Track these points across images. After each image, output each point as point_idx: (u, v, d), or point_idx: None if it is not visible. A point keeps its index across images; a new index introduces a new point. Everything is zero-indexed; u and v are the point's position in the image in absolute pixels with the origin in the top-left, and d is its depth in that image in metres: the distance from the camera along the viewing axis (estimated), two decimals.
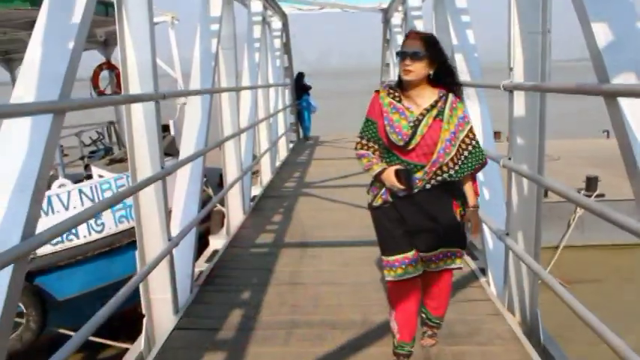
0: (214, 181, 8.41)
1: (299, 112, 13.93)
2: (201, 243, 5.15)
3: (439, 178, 2.55)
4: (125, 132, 3.37)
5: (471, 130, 2.58)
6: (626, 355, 1.96)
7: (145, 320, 3.41)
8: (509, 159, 3.26)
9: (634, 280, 8.62)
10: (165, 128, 7.84)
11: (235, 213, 5.96)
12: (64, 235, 5.71)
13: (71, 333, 2.06)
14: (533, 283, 3.33)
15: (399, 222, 2.64)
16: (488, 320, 3.38)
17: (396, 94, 2.61)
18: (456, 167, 2.55)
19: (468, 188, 2.68)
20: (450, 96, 2.57)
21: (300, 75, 13.86)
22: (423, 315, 2.94)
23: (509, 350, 3.02)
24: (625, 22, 2.15)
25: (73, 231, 5.74)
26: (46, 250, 5.52)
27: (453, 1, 5.09)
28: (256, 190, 7.59)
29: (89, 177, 6.77)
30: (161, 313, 3.48)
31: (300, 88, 13.70)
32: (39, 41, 2.25)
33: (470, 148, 2.56)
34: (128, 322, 4.57)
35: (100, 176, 6.24)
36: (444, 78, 2.59)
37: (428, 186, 2.56)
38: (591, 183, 9.96)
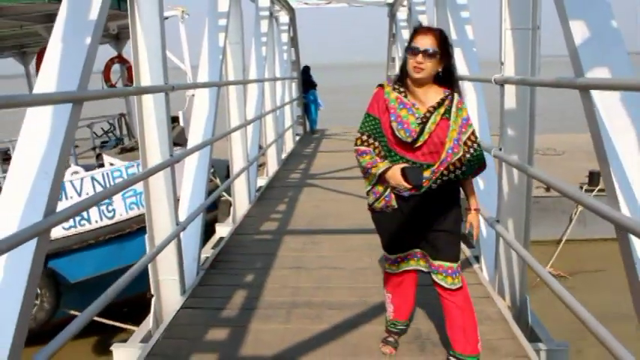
0: (222, 172, 8.63)
1: (306, 106, 14.10)
2: (209, 231, 5.36)
3: (445, 178, 2.47)
4: (136, 122, 3.57)
5: (473, 132, 2.51)
6: (611, 346, 2.02)
7: (153, 300, 3.63)
8: (500, 149, 3.42)
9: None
10: (175, 119, 8.06)
11: (241, 202, 6.17)
12: (77, 220, 5.94)
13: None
14: (523, 268, 3.49)
15: (402, 224, 2.59)
16: (479, 303, 3.53)
17: (402, 89, 2.52)
18: (464, 168, 2.48)
19: (470, 191, 2.65)
20: (456, 96, 2.49)
21: (306, 68, 14.01)
22: (452, 358, 2.68)
23: (498, 330, 3.19)
24: (601, 22, 2.31)
25: (85, 216, 5.97)
26: (59, 234, 5.74)
27: None
28: (262, 181, 7.79)
29: (101, 166, 7.00)
30: (169, 294, 3.69)
31: (306, 81, 13.86)
32: (59, 37, 2.45)
33: (472, 150, 2.49)
34: (137, 307, 4.80)
35: (112, 164, 6.46)
36: (449, 77, 2.51)
37: (434, 186, 2.48)
38: (594, 178, 10.05)
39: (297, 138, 12.74)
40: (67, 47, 2.43)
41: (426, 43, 2.40)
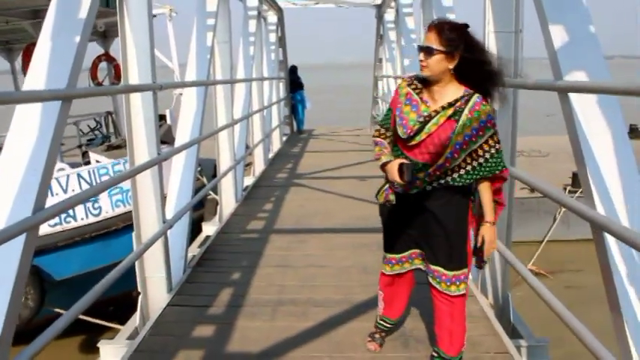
0: (209, 172, 8.65)
1: (293, 106, 14.14)
2: (195, 230, 5.38)
3: (441, 181, 2.38)
4: (124, 120, 3.59)
5: (492, 136, 2.33)
6: (583, 336, 2.10)
7: (139, 298, 3.65)
8: None
9: None
10: (162, 117, 8.04)
11: (228, 201, 6.19)
12: (62, 217, 5.92)
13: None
14: (505, 268, 3.57)
15: (400, 222, 2.56)
16: None
17: (419, 85, 2.43)
18: (461, 172, 2.36)
19: (486, 200, 2.42)
20: (475, 97, 2.32)
21: (294, 68, 14.05)
22: (435, 355, 2.68)
23: (480, 327, 3.25)
24: (579, 27, 2.38)
25: (71, 213, 5.95)
26: (44, 231, 5.72)
27: (440, 0, 5.32)
28: (249, 181, 7.82)
29: (87, 164, 6.98)
30: (155, 291, 3.70)
31: (293, 81, 13.91)
32: (48, 34, 2.47)
33: (487, 155, 2.33)
34: (123, 306, 4.80)
35: (98, 162, 6.44)
36: (469, 74, 2.32)
37: (428, 188, 2.41)
38: (577, 179, 10.23)
39: (285, 138, 12.77)
40: (56, 45, 2.45)
41: (427, 40, 2.31)
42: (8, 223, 2.00)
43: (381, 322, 2.93)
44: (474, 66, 2.30)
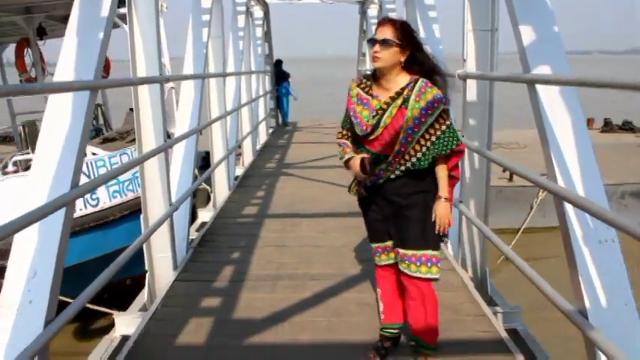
0: (198, 163, 8.89)
1: (278, 99, 14.42)
2: (190, 217, 5.64)
3: (402, 167, 2.48)
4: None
5: (442, 114, 2.44)
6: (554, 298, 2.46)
7: (147, 276, 3.93)
8: (463, 136, 3.84)
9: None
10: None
11: (221, 188, 6.49)
12: None
13: (69, 300, 2.33)
14: (483, 243, 3.94)
15: (374, 211, 2.65)
16: (444, 275, 3.87)
17: (368, 82, 2.58)
18: (419, 155, 2.45)
19: (441, 176, 2.53)
20: (420, 81, 2.44)
21: (279, 62, 14.31)
22: (413, 343, 2.74)
23: (460, 296, 3.61)
24: (545, 27, 2.73)
25: None
26: None
27: None
28: (239, 171, 8.11)
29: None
30: (162, 270, 3.99)
31: (278, 74, 14.18)
32: (74, 31, 2.73)
33: (438, 133, 2.43)
34: (116, 294, 5.01)
35: (94, 154, 6.66)
36: (416, 65, 2.48)
37: (392, 176, 2.51)
38: None
39: (271, 130, 13.06)
40: (81, 40, 2.72)
41: (383, 33, 2.45)
42: (49, 199, 2.28)
43: (383, 330, 2.85)
44: (421, 59, 2.50)
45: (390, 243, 2.66)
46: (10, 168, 6.67)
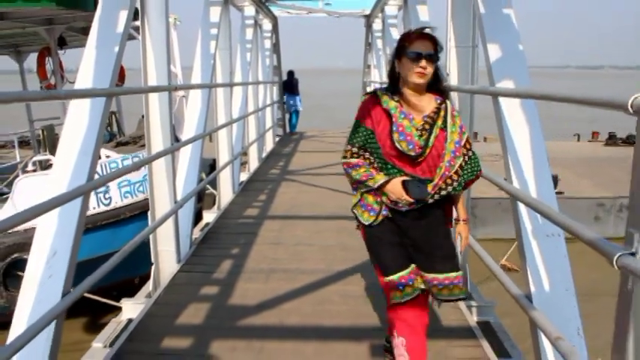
0: (205, 170, 9.27)
1: (289, 113, 14.87)
2: (195, 221, 5.99)
3: (443, 192, 2.29)
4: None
5: (468, 139, 2.36)
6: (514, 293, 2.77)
7: (152, 268, 4.29)
8: None
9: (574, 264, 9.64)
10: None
11: (226, 192, 6.86)
12: None
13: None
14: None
15: (399, 236, 2.38)
16: None
17: (396, 98, 2.34)
18: (460, 180, 2.31)
19: (459, 200, 2.45)
20: (449, 103, 2.35)
21: (291, 73, 14.73)
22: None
23: None
24: (510, 46, 3.06)
25: None
26: None
27: (417, 15, 6.02)
28: (244, 176, 8.48)
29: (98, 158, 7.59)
30: (166, 262, 4.35)
31: (289, 84, 14.59)
32: (93, 44, 3.11)
33: (466, 158, 2.32)
34: (126, 291, 5.36)
35: (108, 156, 7.06)
36: (437, 83, 2.34)
37: (431, 200, 2.29)
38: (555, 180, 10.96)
39: (277, 139, 13.45)
40: (99, 53, 3.10)
41: (427, 47, 2.26)
42: (69, 190, 2.64)
43: None
44: (441, 77, 2.36)
45: (414, 266, 2.38)
46: (30, 167, 7.16)
